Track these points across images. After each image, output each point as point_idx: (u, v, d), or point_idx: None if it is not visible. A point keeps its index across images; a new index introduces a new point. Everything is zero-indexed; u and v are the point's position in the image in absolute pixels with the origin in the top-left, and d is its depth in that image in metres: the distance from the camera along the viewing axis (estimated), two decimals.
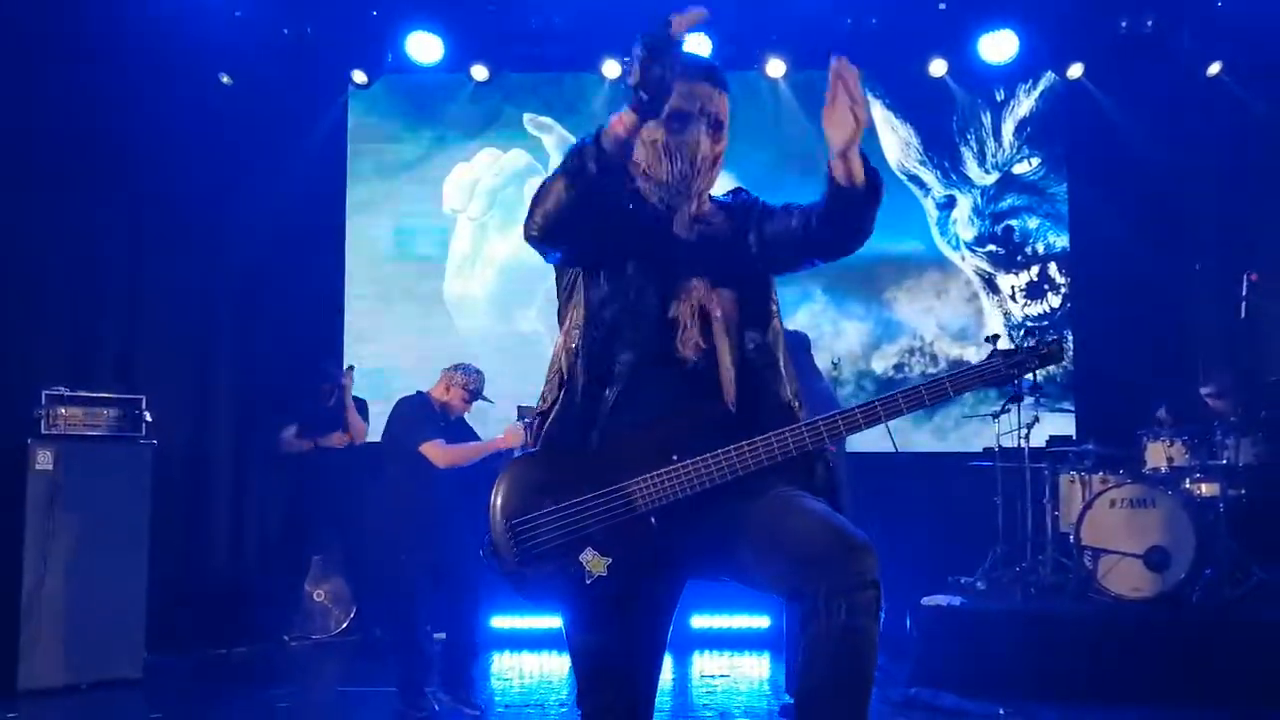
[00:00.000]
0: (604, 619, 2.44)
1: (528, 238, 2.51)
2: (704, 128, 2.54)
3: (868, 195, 2.40)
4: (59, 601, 6.07)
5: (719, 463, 2.37)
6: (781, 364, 2.57)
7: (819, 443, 2.39)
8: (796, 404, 2.55)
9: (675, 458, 2.39)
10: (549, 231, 2.46)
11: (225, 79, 8.45)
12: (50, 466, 6.15)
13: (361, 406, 7.97)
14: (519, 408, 6.05)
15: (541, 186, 2.46)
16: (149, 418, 6.50)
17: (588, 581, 2.36)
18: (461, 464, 5.74)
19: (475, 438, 6.04)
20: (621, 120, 2.35)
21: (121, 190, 8.15)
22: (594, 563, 2.37)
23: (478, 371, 6.09)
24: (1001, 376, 2.45)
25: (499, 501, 2.46)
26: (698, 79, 2.53)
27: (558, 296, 2.67)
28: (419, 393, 6.03)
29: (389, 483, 5.88)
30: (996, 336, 2.53)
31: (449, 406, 5.97)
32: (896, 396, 2.40)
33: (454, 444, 5.79)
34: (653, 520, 2.38)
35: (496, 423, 6.35)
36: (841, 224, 2.47)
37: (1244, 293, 6.61)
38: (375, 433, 7.25)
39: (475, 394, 6.05)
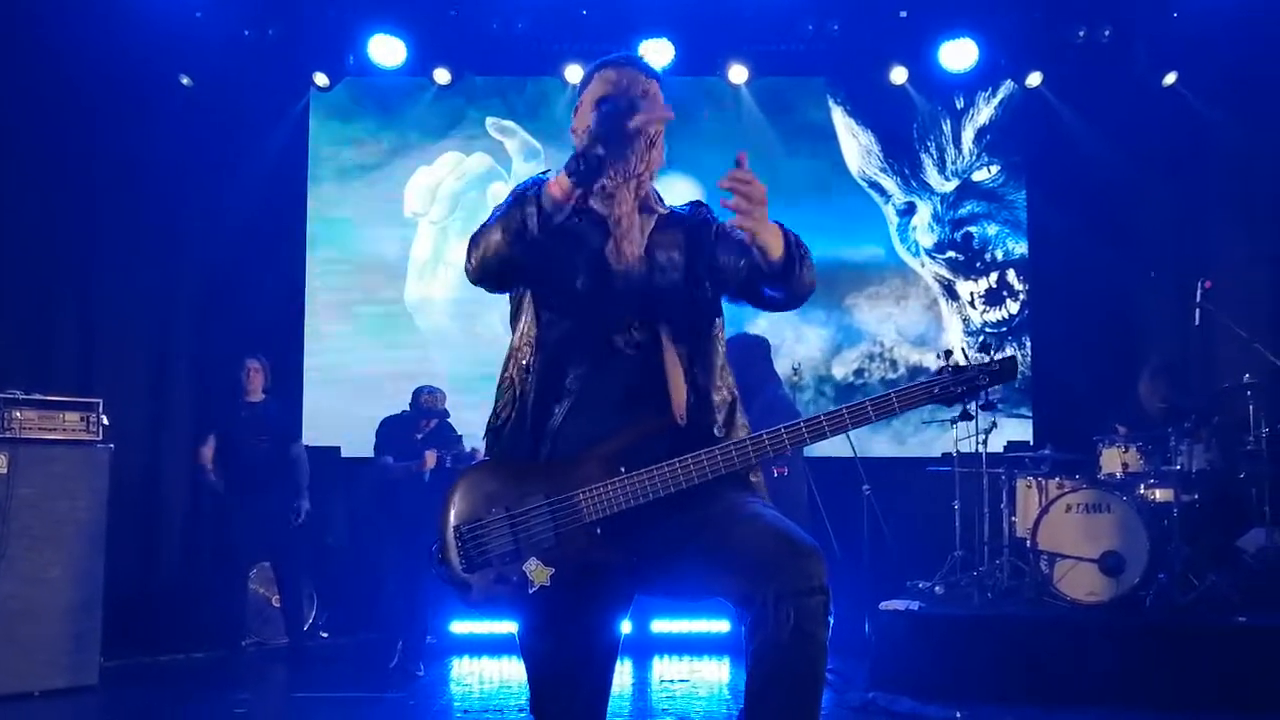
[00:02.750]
0: (550, 627, 2.45)
1: (469, 277, 2.54)
2: None
3: (788, 265, 2.40)
4: (12, 607, 5.97)
5: (664, 474, 2.38)
6: (723, 380, 2.59)
7: (763, 456, 2.40)
8: (741, 420, 2.57)
9: (623, 469, 2.40)
10: (485, 276, 2.51)
11: (185, 80, 8.37)
12: (4, 470, 6.03)
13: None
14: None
15: (481, 229, 2.48)
16: (106, 421, 6.41)
17: (530, 591, 2.37)
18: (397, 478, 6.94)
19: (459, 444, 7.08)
20: (559, 184, 2.36)
21: (80, 191, 8.10)
22: (537, 572, 2.37)
23: (429, 391, 7.12)
24: (951, 395, 2.44)
25: (450, 509, 2.48)
26: (624, 66, 2.57)
27: (510, 303, 2.69)
28: (402, 412, 7.13)
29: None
30: (949, 352, 2.50)
31: (417, 424, 7.03)
32: (842, 412, 2.40)
33: (399, 462, 6.92)
34: (598, 530, 2.39)
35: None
36: (776, 294, 2.51)
37: (1198, 300, 6.71)
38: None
39: (423, 412, 7.01)
